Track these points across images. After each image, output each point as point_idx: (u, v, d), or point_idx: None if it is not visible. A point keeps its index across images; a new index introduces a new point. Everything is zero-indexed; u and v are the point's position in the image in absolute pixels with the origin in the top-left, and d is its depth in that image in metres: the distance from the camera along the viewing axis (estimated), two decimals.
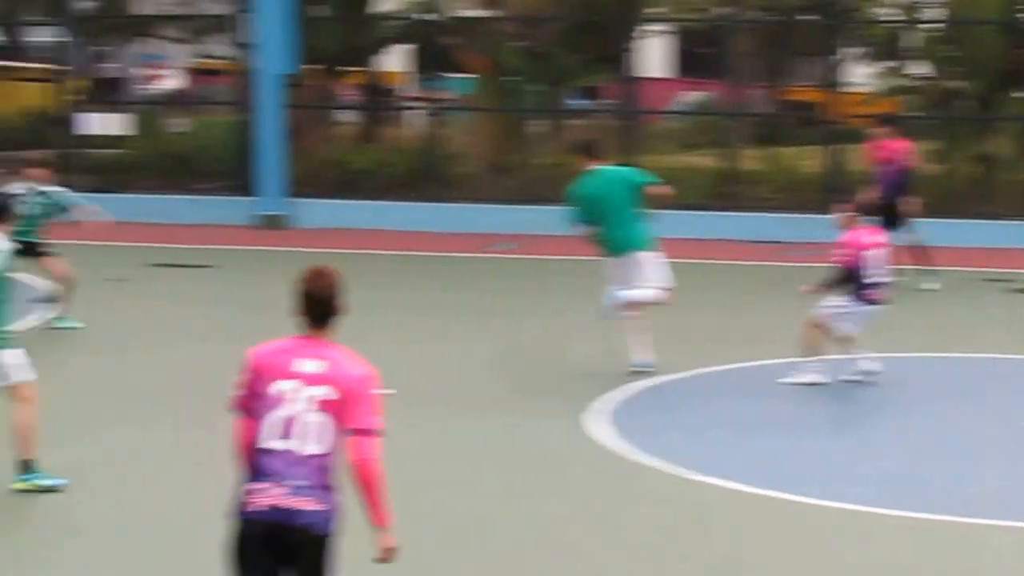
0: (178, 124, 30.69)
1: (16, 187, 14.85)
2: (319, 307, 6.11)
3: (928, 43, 26.43)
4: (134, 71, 39.78)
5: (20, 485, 9.69)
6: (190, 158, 26.41)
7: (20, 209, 14.45)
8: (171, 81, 39.37)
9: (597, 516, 9.58)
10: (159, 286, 18.62)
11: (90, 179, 24.54)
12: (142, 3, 30.04)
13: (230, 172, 25.79)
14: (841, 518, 9.55)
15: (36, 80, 32.88)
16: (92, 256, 19.89)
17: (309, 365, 6.06)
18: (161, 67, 34.42)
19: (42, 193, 15.26)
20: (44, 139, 30.39)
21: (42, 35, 34.88)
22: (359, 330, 7.95)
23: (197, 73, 38.10)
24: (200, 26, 31.59)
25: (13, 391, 9.73)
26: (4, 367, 9.67)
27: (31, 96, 33.72)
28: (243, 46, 26.00)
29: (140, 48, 34.34)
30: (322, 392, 6.03)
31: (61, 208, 15.51)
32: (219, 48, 31.70)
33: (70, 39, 25.87)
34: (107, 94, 30.47)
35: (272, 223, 24.15)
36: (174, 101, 37.53)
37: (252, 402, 6.11)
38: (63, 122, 25.97)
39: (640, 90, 28.50)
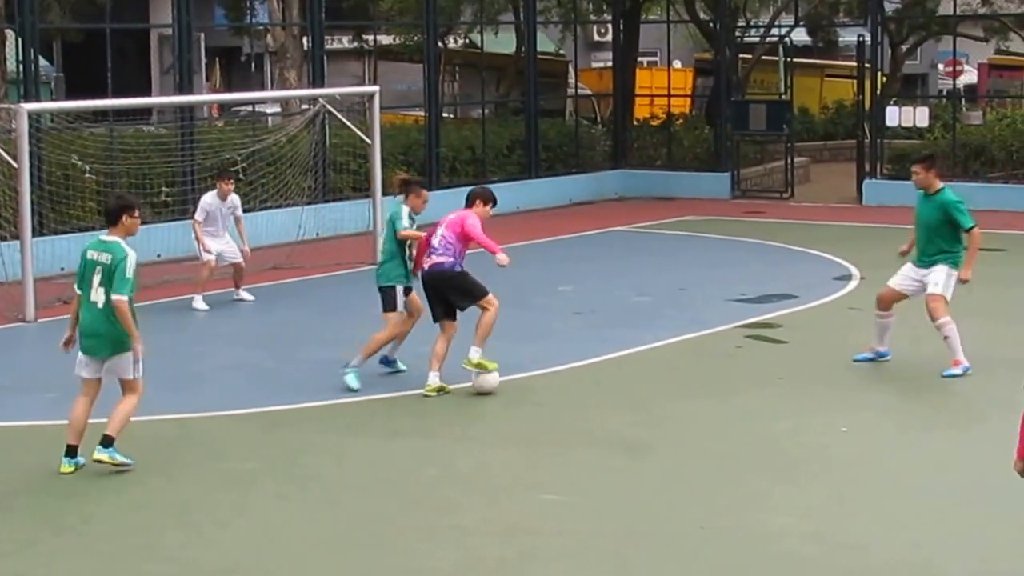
0: (973, 117, 32.34)
1: None
2: None
3: None
4: (936, 68, 41.61)
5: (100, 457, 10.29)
6: (982, 149, 27.63)
7: None
8: (968, 76, 40.96)
9: None
10: None
11: (891, 168, 26.78)
12: (945, 3, 31.66)
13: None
14: None
15: (843, 77, 35.66)
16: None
17: None
18: (960, 63, 35.99)
19: None
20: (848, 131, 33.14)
21: (848, 36, 37.69)
22: None
23: (993, 68, 39.64)
24: (999, 25, 32.88)
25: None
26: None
27: (839, 91, 36.57)
28: None
29: (941, 46, 35.99)
30: None
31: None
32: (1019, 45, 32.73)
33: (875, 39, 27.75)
34: (910, 89, 32.32)
35: None
36: (970, 95, 39.32)
37: None
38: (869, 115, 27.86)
39: None
